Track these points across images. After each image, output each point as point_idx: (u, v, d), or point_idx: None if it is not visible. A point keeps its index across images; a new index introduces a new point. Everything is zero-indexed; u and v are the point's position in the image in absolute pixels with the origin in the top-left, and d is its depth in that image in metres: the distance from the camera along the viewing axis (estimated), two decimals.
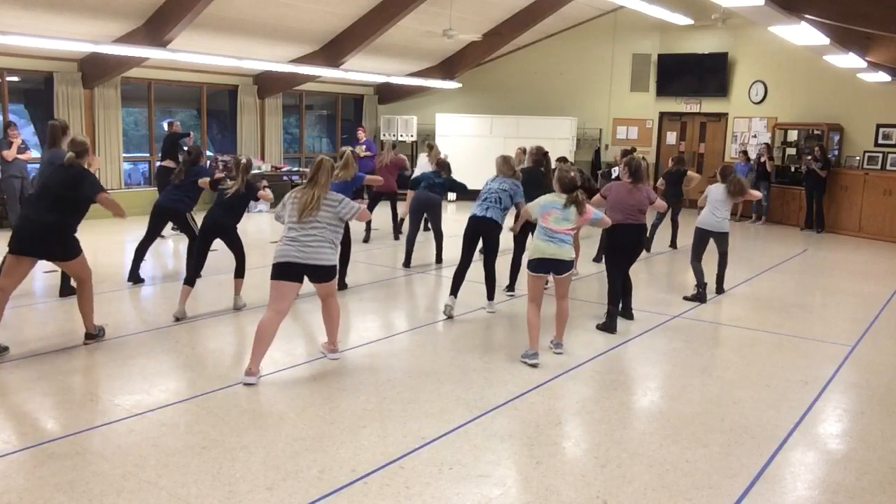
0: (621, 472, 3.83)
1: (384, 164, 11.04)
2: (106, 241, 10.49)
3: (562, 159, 9.23)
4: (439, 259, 9.38)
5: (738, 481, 3.75)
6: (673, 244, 10.95)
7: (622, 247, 6.66)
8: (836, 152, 14.01)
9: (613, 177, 9.27)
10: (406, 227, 9.78)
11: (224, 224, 6.68)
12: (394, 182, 11.02)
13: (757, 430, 4.41)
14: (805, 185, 13.56)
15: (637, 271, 7.87)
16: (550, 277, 5.68)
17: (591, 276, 8.87)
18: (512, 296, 7.61)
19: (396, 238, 11.15)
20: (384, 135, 17.08)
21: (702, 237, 7.77)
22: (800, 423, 4.56)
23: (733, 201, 7.89)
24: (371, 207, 11.07)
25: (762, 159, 13.95)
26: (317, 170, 5.07)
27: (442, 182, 9.18)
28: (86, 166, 5.66)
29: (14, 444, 3.96)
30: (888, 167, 13.34)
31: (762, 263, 10.04)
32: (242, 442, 4.03)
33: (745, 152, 14.45)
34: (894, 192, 12.76)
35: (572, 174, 5.73)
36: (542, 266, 5.56)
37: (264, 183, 7.05)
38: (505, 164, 7.01)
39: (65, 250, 5.48)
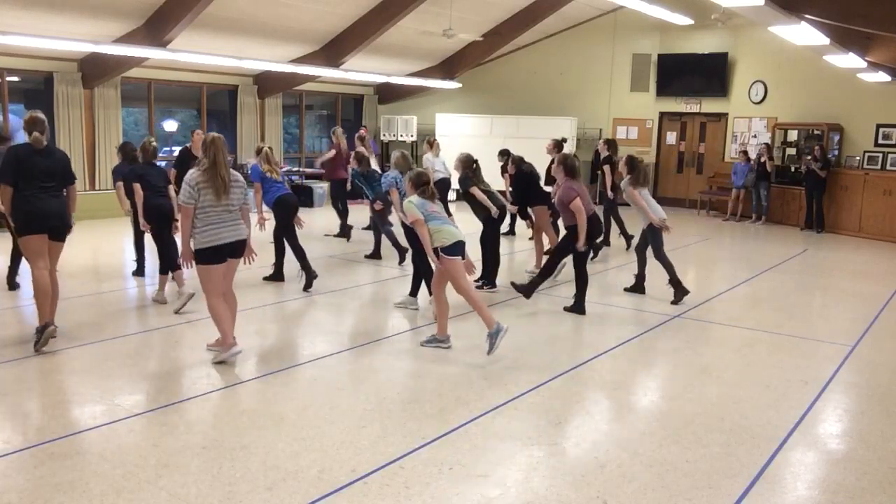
0: (621, 472, 3.82)
1: (346, 150, 11.41)
2: (106, 241, 10.50)
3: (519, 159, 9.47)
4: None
5: (738, 481, 3.75)
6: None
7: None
8: (836, 152, 14.00)
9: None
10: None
11: (171, 212, 7.11)
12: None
13: (757, 430, 4.41)
14: (805, 185, 13.55)
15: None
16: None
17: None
18: (495, 290, 7.80)
19: (347, 238, 11.14)
20: (384, 134, 17.11)
21: (659, 230, 7.57)
22: (800, 423, 4.56)
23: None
24: (341, 199, 11.33)
25: (762, 159, 13.93)
26: (216, 150, 5.13)
27: (357, 177, 9.35)
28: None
29: (14, 444, 3.96)
30: (888, 167, 13.33)
31: (762, 263, 10.04)
32: (242, 442, 4.03)
33: (745, 152, 14.45)
34: (894, 192, 12.75)
35: (425, 176, 5.94)
36: (459, 249, 5.65)
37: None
38: (404, 159, 7.73)
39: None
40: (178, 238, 6.17)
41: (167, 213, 7.10)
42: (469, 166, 7.77)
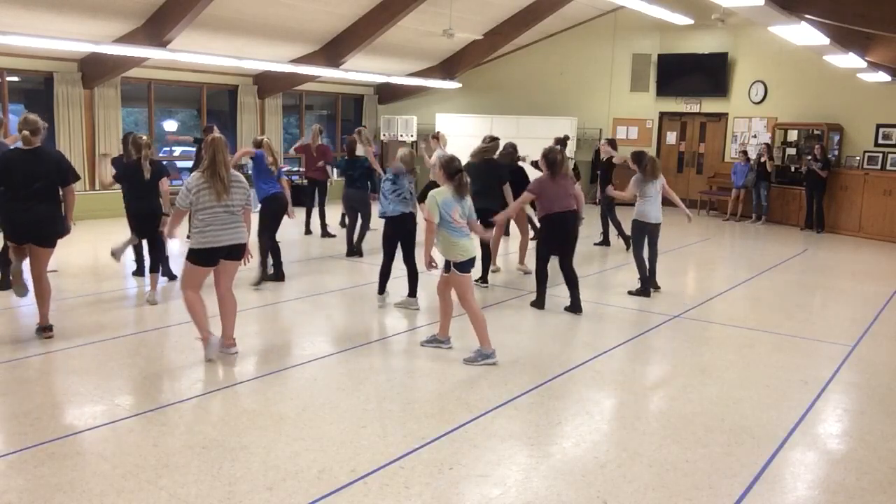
0: (621, 472, 3.82)
1: (314, 148, 11.45)
2: (106, 241, 10.48)
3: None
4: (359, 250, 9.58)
5: (738, 481, 3.75)
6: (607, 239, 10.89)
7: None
8: (836, 152, 14.00)
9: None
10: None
11: (156, 212, 7.01)
12: (323, 170, 11.42)
13: (757, 430, 4.41)
14: (805, 185, 13.55)
15: (634, 270, 7.91)
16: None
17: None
18: (486, 286, 7.90)
19: (324, 236, 11.28)
20: (384, 134, 17.11)
21: (645, 230, 7.62)
22: (800, 423, 4.56)
23: (655, 184, 7.66)
24: (308, 195, 11.59)
25: (762, 159, 13.94)
26: (215, 150, 5.11)
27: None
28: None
29: (14, 444, 3.96)
30: (888, 167, 13.34)
31: (762, 263, 10.04)
32: (242, 442, 4.03)
33: (745, 152, 14.46)
34: (894, 192, 12.75)
35: (457, 161, 5.58)
36: (471, 265, 5.54)
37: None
38: (411, 157, 7.08)
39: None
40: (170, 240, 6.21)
41: (146, 216, 6.96)
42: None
